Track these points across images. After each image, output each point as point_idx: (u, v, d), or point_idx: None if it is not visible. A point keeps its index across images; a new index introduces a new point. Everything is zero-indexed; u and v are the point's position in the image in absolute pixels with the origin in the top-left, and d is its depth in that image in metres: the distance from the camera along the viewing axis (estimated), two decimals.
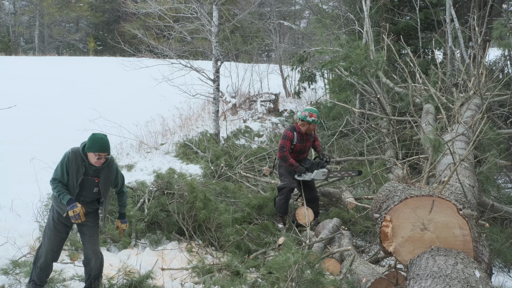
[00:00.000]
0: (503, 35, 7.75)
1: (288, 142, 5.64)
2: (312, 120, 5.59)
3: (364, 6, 9.33)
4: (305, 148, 5.80)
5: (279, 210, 5.65)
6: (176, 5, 10.23)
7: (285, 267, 3.34)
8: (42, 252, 3.65)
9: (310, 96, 14.87)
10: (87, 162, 3.55)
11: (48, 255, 3.64)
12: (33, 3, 33.72)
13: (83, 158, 3.54)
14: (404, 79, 8.66)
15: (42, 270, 3.66)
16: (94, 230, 3.74)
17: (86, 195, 3.61)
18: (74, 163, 3.52)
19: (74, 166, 3.52)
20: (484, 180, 4.94)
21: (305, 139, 5.75)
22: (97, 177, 3.61)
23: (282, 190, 5.65)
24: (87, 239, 3.73)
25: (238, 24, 13.12)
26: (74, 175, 3.52)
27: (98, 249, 3.82)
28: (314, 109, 5.70)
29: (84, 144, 3.55)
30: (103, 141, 3.50)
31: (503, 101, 7.27)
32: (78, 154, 3.54)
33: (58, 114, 10.80)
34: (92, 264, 3.76)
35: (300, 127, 5.69)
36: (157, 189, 5.87)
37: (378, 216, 3.14)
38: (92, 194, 3.63)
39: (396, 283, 3.53)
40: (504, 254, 4.49)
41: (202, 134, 9.97)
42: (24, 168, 6.26)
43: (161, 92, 11.56)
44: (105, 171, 3.64)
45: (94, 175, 3.60)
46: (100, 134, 3.56)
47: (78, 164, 3.53)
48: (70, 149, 3.57)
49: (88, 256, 3.75)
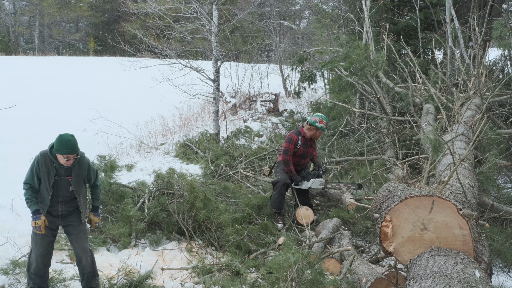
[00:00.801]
0: (503, 35, 7.75)
1: (292, 145, 5.74)
2: (321, 126, 5.69)
3: (364, 6, 9.33)
4: (307, 153, 5.87)
5: (273, 205, 5.68)
6: (176, 5, 10.23)
7: (285, 267, 3.34)
8: (33, 258, 3.64)
9: (310, 96, 14.87)
10: (57, 163, 3.52)
11: (39, 260, 3.62)
12: (33, 3, 33.72)
13: (52, 159, 3.51)
14: (404, 79, 8.66)
15: (36, 276, 3.65)
16: (79, 228, 3.72)
17: (63, 195, 3.60)
18: (44, 166, 3.50)
19: (45, 169, 3.50)
20: (484, 180, 4.94)
21: (309, 144, 5.85)
22: (69, 176, 3.59)
23: (276, 185, 5.70)
24: (74, 238, 3.72)
25: (238, 24, 13.12)
26: (46, 178, 3.51)
27: (87, 246, 3.81)
28: (325, 117, 5.79)
29: (51, 146, 3.51)
30: (70, 143, 3.45)
31: (503, 101, 7.27)
32: (46, 157, 3.52)
33: (58, 114, 10.80)
34: (83, 262, 3.75)
35: (306, 132, 5.77)
36: (157, 189, 5.88)
37: (378, 216, 3.14)
38: (69, 193, 3.62)
39: (396, 283, 3.53)
40: (504, 254, 4.48)
41: (202, 134, 9.97)
42: (24, 168, 6.19)
43: (161, 92, 11.56)
44: (76, 168, 3.62)
45: (66, 175, 3.58)
46: (67, 135, 3.48)
47: (48, 167, 3.51)
48: (39, 153, 3.55)
49: (79, 255, 3.75)
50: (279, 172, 5.85)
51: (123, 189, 5.84)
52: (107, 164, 6.54)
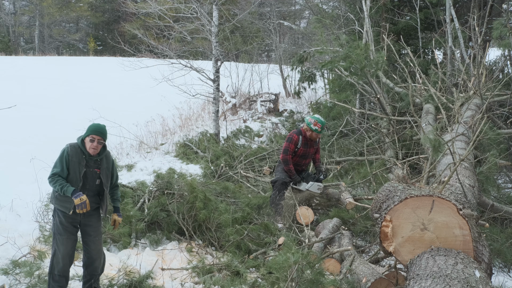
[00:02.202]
0: (503, 35, 7.75)
1: (293, 145, 5.78)
2: (315, 129, 5.73)
3: (364, 6, 9.33)
4: (307, 154, 5.89)
5: (272, 204, 5.70)
6: (176, 5, 10.24)
7: (285, 267, 3.34)
8: (59, 259, 3.55)
9: (310, 96, 14.87)
10: (87, 154, 3.56)
11: (66, 260, 3.57)
12: (33, 3, 33.72)
13: (82, 150, 3.56)
14: (404, 79, 8.66)
15: (61, 277, 3.57)
16: (98, 230, 3.72)
17: (90, 188, 3.59)
18: (74, 156, 3.52)
19: (75, 159, 3.51)
20: (484, 180, 4.94)
21: (309, 144, 5.88)
22: (98, 168, 3.62)
23: (275, 184, 5.74)
24: (92, 239, 3.68)
25: (238, 24, 13.12)
26: (77, 168, 3.51)
27: (102, 248, 3.80)
28: (321, 120, 5.81)
29: (82, 137, 3.59)
30: (100, 126, 3.57)
31: (503, 101, 7.27)
32: (77, 147, 3.56)
33: (58, 114, 10.80)
34: (96, 264, 3.72)
35: (306, 132, 5.83)
36: (157, 189, 5.87)
37: (378, 216, 3.14)
38: (95, 186, 3.62)
39: (396, 283, 3.53)
40: (504, 254, 4.48)
41: (202, 134, 9.97)
42: (24, 168, 6.27)
43: (161, 92, 11.56)
44: (104, 161, 3.68)
45: (95, 167, 3.61)
46: (98, 123, 3.62)
47: (78, 157, 3.53)
48: (68, 144, 3.57)
49: (93, 257, 3.70)
50: (279, 171, 5.89)
51: (123, 189, 5.83)
52: None
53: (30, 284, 3.88)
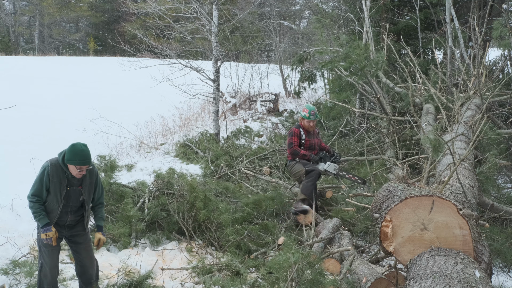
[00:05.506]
0: (503, 35, 7.75)
1: (296, 138, 5.83)
2: (304, 115, 5.85)
3: (364, 6, 9.33)
4: (314, 145, 5.95)
5: (305, 192, 5.56)
6: (176, 5, 10.23)
7: (285, 267, 3.34)
8: (46, 272, 3.49)
9: (310, 96, 14.87)
10: (69, 173, 3.37)
11: (54, 272, 3.53)
12: (33, 3, 33.70)
13: (64, 170, 3.35)
14: (404, 79, 8.66)
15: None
16: (86, 236, 3.64)
17: (73, 205, 3.48)
18: (55, 176, 3.33)
19: (56, 180, 3.33)
20: (484, 180, 4.94)
21: (312, 135, 5.95)
22: (81, 185, 3.46)
23: (310, 173, 5.64)
24: (82, 247, 3.61)
25: (238, 24, 13.09)
26: (57, 189, 3.35)
27: (93, 254, 3.75)
28: (310, 106, 5.94)
29: (63, 155, 3.36)
30: (84, 153, 3.31)
31: (503, 101, 7.27)
32: (58, 167, 3.34)
33: (58, 114, 10.80)
34: (90, 272, 3.67)
35: (302, 123, 5.95)
36: (157, 189, 5.88)
37: (378, 216, 3.14)
38: (79, 202, 3.50)
39: (396, 283, 3.53)
40: (504, 254, 4.48)
41: (202, 134, 9.97)
42: (24, 168, 6.26)
43: (161, 92, 11.56)
44: (88, 177, 3.50)
45: (78, 184, 3.45)
46: (80, 145, 3.34)
47: (59, 177, 3.34)
48: (48, 162, 3.37)
49: (86, 265, 3.63)
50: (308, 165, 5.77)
51: (123, 189, 5.83)
52: (107, 164, 6.54)
53: (30, 284, 3.88)
